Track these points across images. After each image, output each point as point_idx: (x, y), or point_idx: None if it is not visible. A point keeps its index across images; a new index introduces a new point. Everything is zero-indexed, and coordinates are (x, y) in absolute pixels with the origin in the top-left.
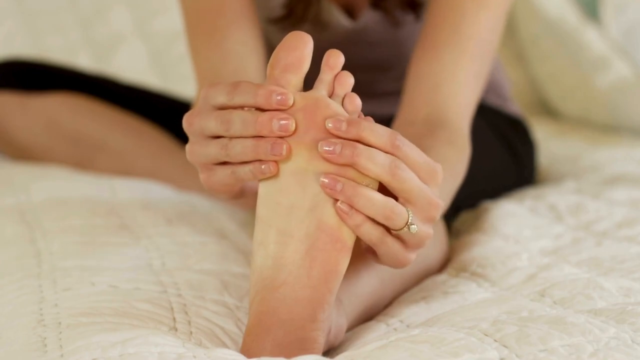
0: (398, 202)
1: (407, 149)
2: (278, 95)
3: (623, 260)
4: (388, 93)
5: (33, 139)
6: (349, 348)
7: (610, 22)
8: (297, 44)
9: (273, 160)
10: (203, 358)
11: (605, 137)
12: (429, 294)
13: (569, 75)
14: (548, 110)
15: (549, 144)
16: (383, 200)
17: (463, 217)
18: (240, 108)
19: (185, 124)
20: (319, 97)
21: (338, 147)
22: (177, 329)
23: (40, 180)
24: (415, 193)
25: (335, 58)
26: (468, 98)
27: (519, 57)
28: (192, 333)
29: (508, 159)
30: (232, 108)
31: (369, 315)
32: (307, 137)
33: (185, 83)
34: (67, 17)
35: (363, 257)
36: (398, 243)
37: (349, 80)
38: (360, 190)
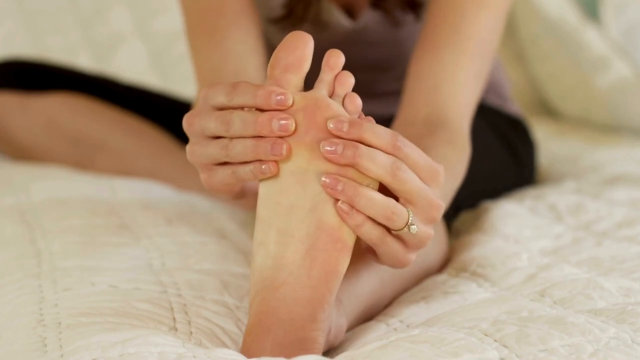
0: (399, 202)
1: (408, 150)
2: (277, 96)
3: (623, 260)
4: (388, 93)
5: (33, 139)
6: (349, 348)
7: (610, 22)
8: (297, 44)
9: (273, 160)
10: (203, 358)
11: (605, 137)
12: (429, 294)
13: (569, 75)
14: (548, 110)
15: (549, 144)
16: (383, 201)
17: (463, 217)
18: (240, 108)
19: (186, 125)
20: (320, 97)
21: (340, 147)
22: (177, 329)
23: (40, 180)
24: (416, 194)
25: (336, 58)
26: (468, 98)
27: (519, 57)
28: (192, 333)
29: (508, 159)
30: (232, 108)
31: (369, 315)
32: (307, 137)
33: (185, 83)
34: (67, 17)
35: (363, 257)
36: (398, 243)
37: (350, 80)
38: (361, 191)
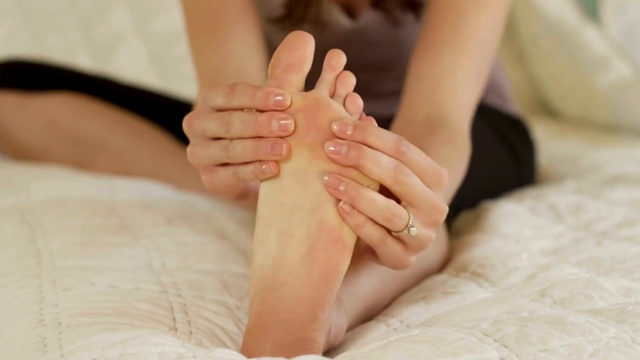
0: (401, 204)
1: (412, 154)
2: (275, 96)
3: (623, 260)
4: (388, 93)
5: (33, 139)
6: (349, 348)
7: (610, 22)
8: (298, 44)
9: (273, 160)
10: (203, 358)
11: (605, 137)
12: (429, 294)
13: (569, 75)
14: (548, 110)
15: (549, 144)
16: (384, 202)
17: (463, 217)
18: (240, 109)
19: (186, 126)
20: (320, 97)
21: (344, 148)
22: (177, 329)
23: (40, 180)
24: (419, 197)
25: (337, 58)
26: (468, 98)
27: (519, 57)
28: (192, 333)
29: (508, 159)
30: (231, 110)
31: (369, 315)
32: (308, 137)
33: (185, 83)
34: (67, 17)
35: (363, 257)
36: (398, 245)
37: (351, 81)
38: (363, 192)
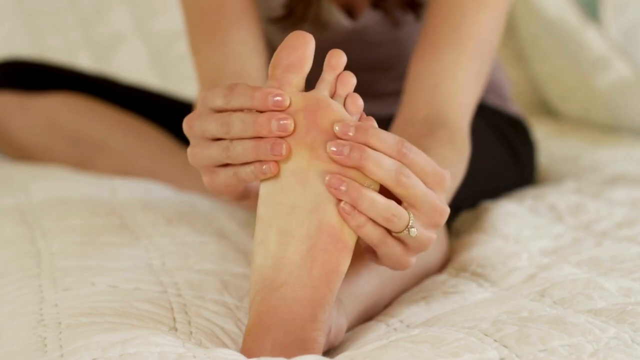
0: (402, 205)
1: (413, 156)
2: (274, 97)
3: (623, 260)
4: (388, 93)
5: (33, 139)
6: (349, 348)
7: (610, 22)
8: (298, 44)
9: (273, 160)
10: (203, 358)
11: (605, 137)
12: (429, 294)
13: (569, 75)
14: (548, 110)
15: (549, 144)
16: (385, 203)
17: (463, 217)
18: (240, 110)
19: (186, 127)
20: (320, 97)
21: (346, 148)
22: (177, 329)
23: (40, 180)
24: (420, 199)
25: (338, 58)
26: (468, 98)
27: (519, 57)
28: (192, 333)
29: (508, 159)
30: (230, 111)
31: (369, 315)
32: (308, 137)
33: (185, 83)
34: (67, 17)
35: (363, 257)
36: (399, 245)
37: (351, 81)
38: (364, 193)
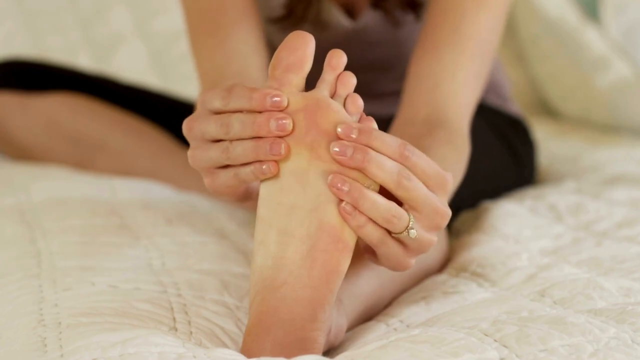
0: (403, 207)
1: (416, 159)
2: (272, 97)
3: (623, 260)
4: (388, 93)
5: (33, 139)
6: (349, 348)
7: (610, 22)
8: (299, 44)
9: (273, 160)
10: (203, 358)
11: (605, 137)
12: (429, 294)
13: (569, 75)
14: (548, 110)
15: (549, 144)
16: (386, 204)
17: (463, 217)
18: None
19: (185, 129)
20: (320, 97)
21: (349, 150)
22: (177, 329)
23: (40, 180)
24: (421, 202)
25: (338, 58)
26: (468, 98)
27: (519, 57)
28: (192, 333)
29: (508, 159)
30: (229, 112)
31: (369, 315)
32: (308, 137)
33: (186, 83)
34: (67, 17)
35: (363, 257)
36: (399, 246)
37: (352, 81)
38: (366, 193)
